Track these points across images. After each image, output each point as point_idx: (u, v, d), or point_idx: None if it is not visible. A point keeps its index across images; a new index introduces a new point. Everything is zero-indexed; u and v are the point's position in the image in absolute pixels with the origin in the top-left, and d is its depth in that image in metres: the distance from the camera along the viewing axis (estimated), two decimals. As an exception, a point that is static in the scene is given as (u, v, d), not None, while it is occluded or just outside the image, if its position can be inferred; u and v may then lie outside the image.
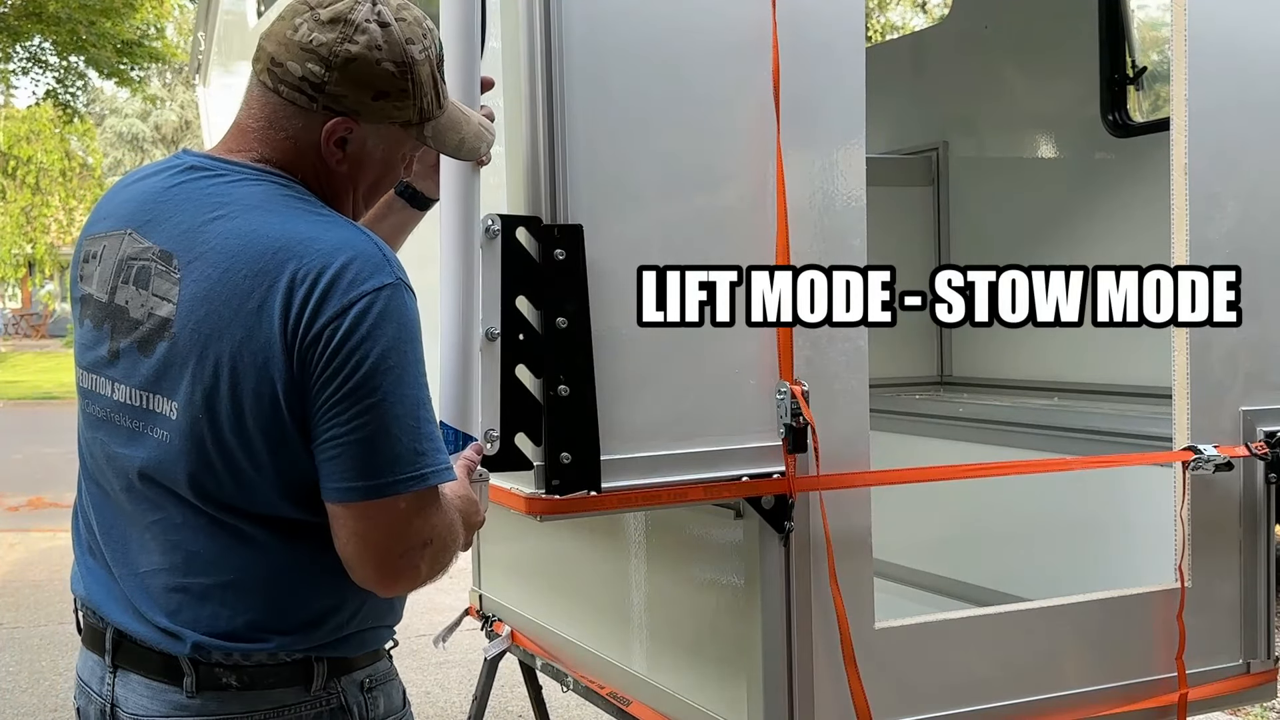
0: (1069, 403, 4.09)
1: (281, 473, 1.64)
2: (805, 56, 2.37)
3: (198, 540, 1.68)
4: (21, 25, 15.13)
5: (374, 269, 1.61)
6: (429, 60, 1.75)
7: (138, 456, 1.69)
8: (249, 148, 1.73)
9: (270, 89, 1.71)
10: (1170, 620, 2.80)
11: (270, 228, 1.64)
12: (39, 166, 31.70)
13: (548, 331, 2.17)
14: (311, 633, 1.72)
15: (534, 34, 2.17)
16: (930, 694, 2.57)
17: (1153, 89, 4.27)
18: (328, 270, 1.59)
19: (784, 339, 2.34)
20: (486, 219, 2.07)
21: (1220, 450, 2.81)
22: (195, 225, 1.67)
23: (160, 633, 1.69)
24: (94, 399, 1.76)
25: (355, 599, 1.74)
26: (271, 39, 1.71)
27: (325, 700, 1.74)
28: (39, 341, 36.59)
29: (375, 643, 1.83)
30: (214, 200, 1.69)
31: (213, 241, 1.64)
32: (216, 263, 1.62)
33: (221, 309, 1.61)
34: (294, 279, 1.58)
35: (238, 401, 1.60)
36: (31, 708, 5.48)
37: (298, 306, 1.58)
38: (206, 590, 1.68)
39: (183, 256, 1.65)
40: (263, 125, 1.73)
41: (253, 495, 1.65)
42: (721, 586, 2.60)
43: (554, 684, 3.52)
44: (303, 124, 1.70)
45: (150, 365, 1.66)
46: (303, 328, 1.57)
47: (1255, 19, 2.93)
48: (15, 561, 8.50)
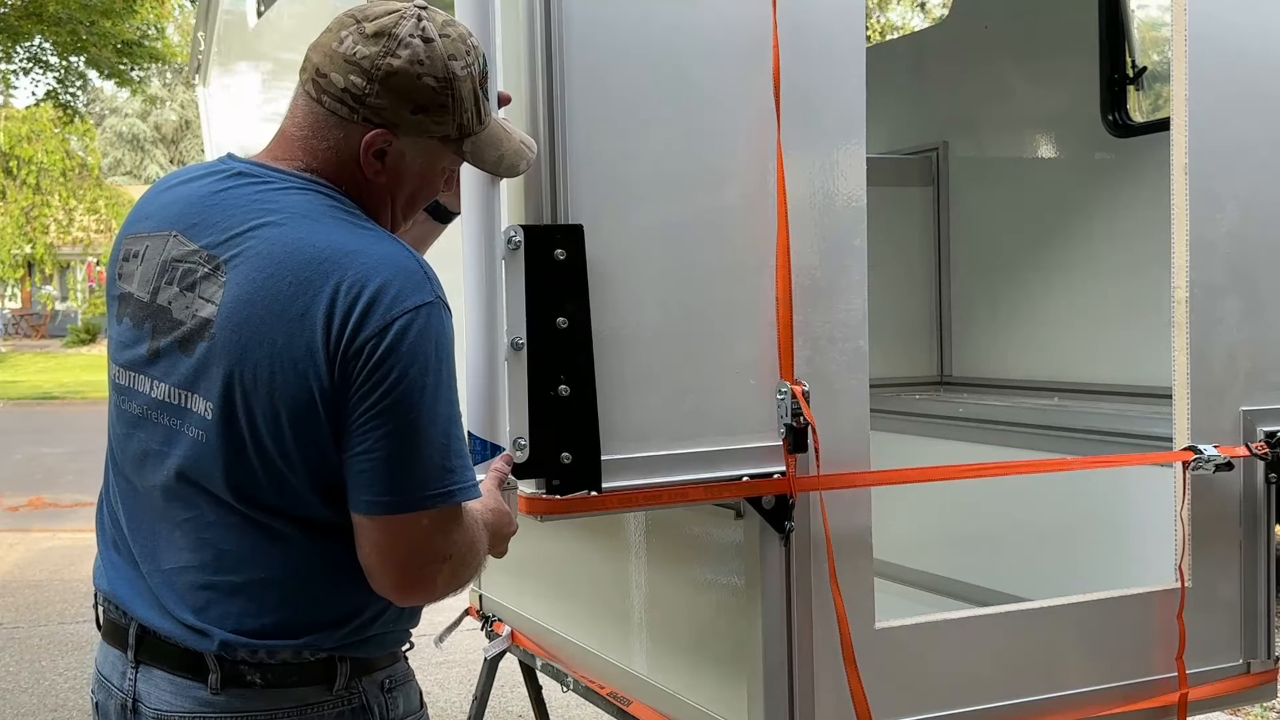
0: (1069, 403, 4.09)
1: (314, 474, 1.66)
2: (806, 56, 2.37)
3: (229, 538, 1.70)
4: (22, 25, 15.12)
5: (416, 286, 1.64)
6: (471, 77, 1.77)
7: (174, 454, 1.71)
8: (294, 156, 1.76)
9: (314, 99, 1.74)
10: (1170, 620, 2.80)
11: (315, 237, 1.66)
12: (39, 166, 31.69)
13: (548, 331, 2.17)
14: (336, 632, 1.74)
15: (534, 34, 2.17)
16: (930, 694, 2.57)
17: (1153, 89, 4.27)
18: (370, 285, 1.61)
19: (784, 339, 2.34)
20: (509, 230, 2.09)
21: (1220, 450, 2.81)
22: (242, 230, 1.69)
23: (186, 629, 1.71)
24: (131, 396, 1.78)
25: (378, 601, 1.76)
26: (317, 50, 1.75)
27: (347, 699, 1.76)
28: (39, 341, 36.57)
29: (395, 644, 1.85)
30: (260, 207, 1.71)
31: (259, 247, 1.66)
32: (261, 268, 1.64)
33: (264, 314, 1.63)
34: (337, 290, 1.61)
35: (275, 405, 1.63)
36: (31, 708, 5.48)
37: (340, 318, 1.60)
38: (235, 588, 1.70)
39: (228, 260, 1.67)
40: (306, 134, 1.76)
41: (285, 495, 1.67)
42: (722, 586, 2.60)
43: (554, 684, 3.52)
44: (343, 134, 1.73)
45: (190, 364, 1.68)
46: (345, 340, 1.60)
47: (1255, 19, 2.93)
48: (15, 561, 8.50)
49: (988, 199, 4.66)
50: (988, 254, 4.63)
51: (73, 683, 5.80)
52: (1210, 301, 2.85)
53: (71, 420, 17.63)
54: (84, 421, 16.95)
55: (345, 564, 1.71)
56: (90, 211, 33.42)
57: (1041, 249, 4.38)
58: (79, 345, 34.03)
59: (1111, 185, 4.19)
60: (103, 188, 34.15)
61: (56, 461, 13.72)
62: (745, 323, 2.34)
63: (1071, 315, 4.27)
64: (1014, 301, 4.49)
